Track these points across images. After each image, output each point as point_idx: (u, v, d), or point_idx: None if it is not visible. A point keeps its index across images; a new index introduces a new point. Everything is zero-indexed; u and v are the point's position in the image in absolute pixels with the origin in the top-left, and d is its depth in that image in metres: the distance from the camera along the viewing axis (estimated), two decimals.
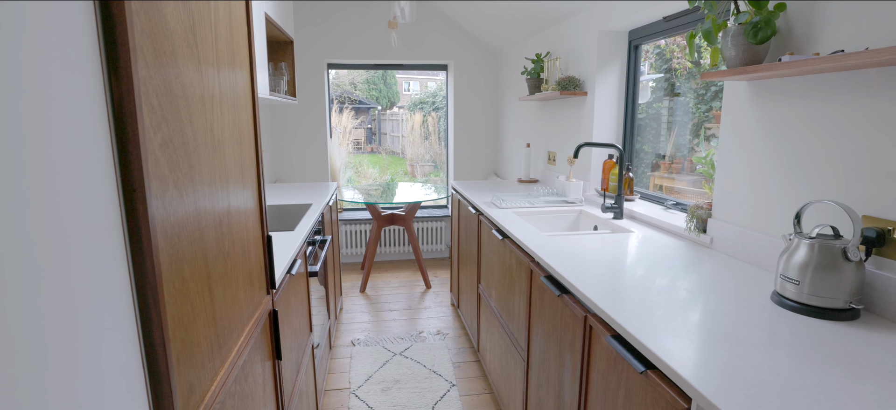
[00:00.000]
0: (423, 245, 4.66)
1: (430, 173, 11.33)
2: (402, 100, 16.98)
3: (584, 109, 2.69)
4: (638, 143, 2.65)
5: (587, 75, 2.64)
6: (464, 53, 4.41)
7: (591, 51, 2.58)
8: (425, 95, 14.22)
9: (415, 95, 16.04)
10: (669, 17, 2.16)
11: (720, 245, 1.63)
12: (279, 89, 2.86)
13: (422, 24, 4.28)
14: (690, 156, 2.47)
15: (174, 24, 0.72)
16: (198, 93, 0.81)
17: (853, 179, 1.19)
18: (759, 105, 1.48)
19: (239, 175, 1.03)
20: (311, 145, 4.29)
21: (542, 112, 3.36)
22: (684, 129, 2.46)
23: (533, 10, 3.04)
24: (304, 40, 4.13)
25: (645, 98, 2.68)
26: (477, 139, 4.60)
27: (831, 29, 1.22)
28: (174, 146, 0.70)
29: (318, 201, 2.61)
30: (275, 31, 2.75)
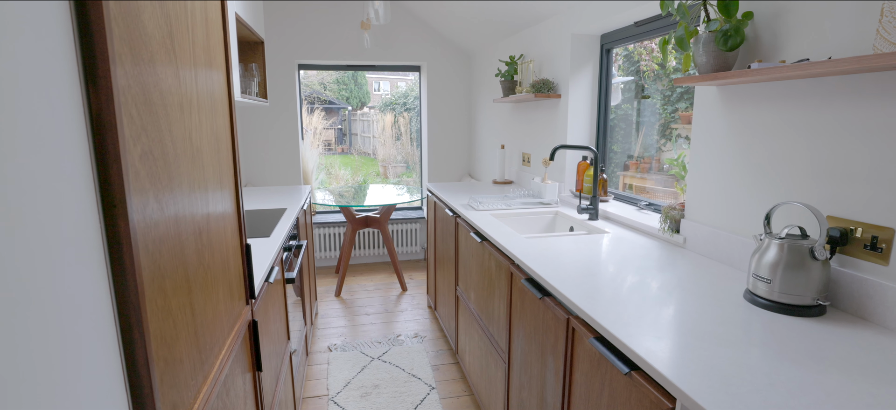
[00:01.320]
0: (399, 247, 4.64)
1: (402, 174, 11.28)
2: (373, 101, 16.85)
3: (558, 111, 2.73)
4: (609, 136, 2.71)
5: (561, 78, 2.68)
6: (437, 54, 4.40)
7: (565, 54, 2.62)
8: (396, 96, 14.17)
9: (385, 95, 15.94)
10: (640, 22, 2.21)
11: (693, 244, 1.69)
12: (250, 91, 2.79)
13: (394, 25, 4.25)
14: (658, 155, 2.54)
15: (152, 30, 0.69)
16: (176, 101, 0.77)
17: (819, 181, 1.25)
18: (730, 109, 1.53)
19: (217, 183, 1.00)
20: (282, 147, 4.20)
21: (516, 114, 3.40)
22: (652, 130, 2.53)
23: (506, 13, 3.06)
24: (274, 41, 4.04)
25: (616, 100, 2.74)
26: (451, 140, 4.60)
27: (796, 37, 1.28)
28: (154, 157, 0.67)
29: (293, 205, 2.56)
30: (245, 32, 2.68)
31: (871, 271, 1.12)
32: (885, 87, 1.08)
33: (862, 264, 1.14)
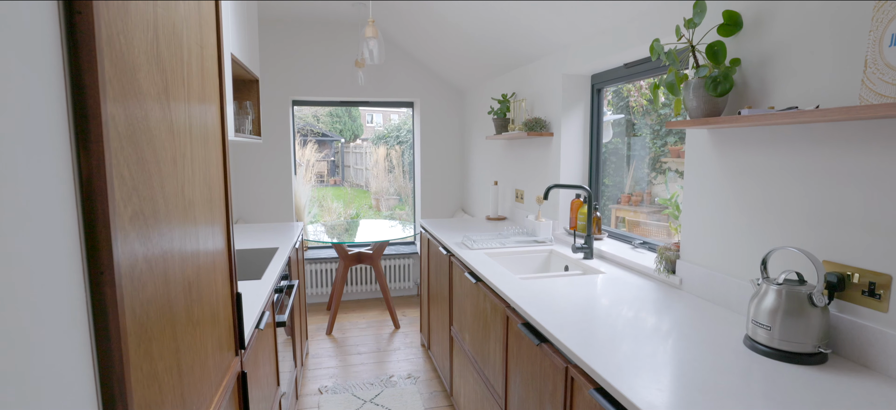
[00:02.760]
0: (391, 283, 4.58)
1: (395, 207, 11.26)
2: (366, 133, 16.96)
3: (551, 149, 2.75)
4: (601, 173, 2.73)
5: (553, 116, 2.71)
6: (430, 91, 4.46)
7: (556, 93, 2.66)
8: (389, 129, 14.28)
9: (378, 128, 16.07)
10: (630, 64, 2.26)
11: (690, 286, 1.68)
12: (244, 129, 2.79)
13: (388, 63, 4.31)
14: (649, 189, 2.57)
15: (147, 87, 0.68)
16: (170, 156, 0.76)
17: (814, 225, 1.25)
18: (722, 152, 1.55)
19: (209, 232, 0.98)
20: (275, 183, 4.19)
21: (509, 151, 3.42)
22: (642, 164, 2.56)
23: (498, 53, 3.12)
24: (269, 77, 4.07)
25: (607, 137, 2.78)
26: (444, 175, 4.62)
27: (784, 84, 1.31)
28: (145, 216, 0.66)
29: (285, 244, 2.53)
30: (240, 71, 2.70)
31: (871, 318, 1.11)
32: (873, 135, 1.10)
33: (861, 310, 1.14)
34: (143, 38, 0.67)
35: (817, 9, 1.21)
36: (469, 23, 2.95)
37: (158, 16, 0.73)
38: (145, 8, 0.68)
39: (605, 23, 2.12)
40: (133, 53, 0.63)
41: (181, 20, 0.84)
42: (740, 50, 1.45)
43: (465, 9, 2.79)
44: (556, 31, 2.44)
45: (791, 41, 1.28)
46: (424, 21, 3.38)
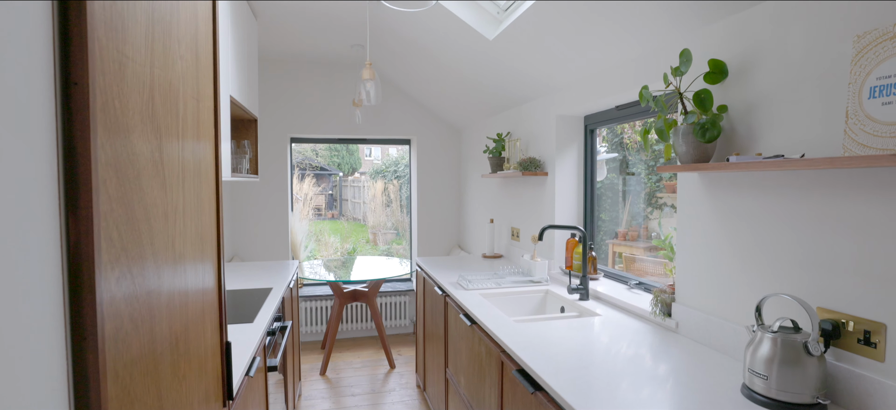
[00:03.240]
0: (387, 320, 4.53)
1: (392, 241, 11.23)
2: (364, 166, 17.07)
3: (546, 188, 2.77)
4: (596, 211, 2.74)
5: (547, 156, 2.75)
6: (427, 129, 4.52)
7: (550, 134, 2.70)
8: (387, 163, 14.38)
9: (376, 162, 16.19)
10: (622, 106, 2.30)
11: (686, 330, 1.66)
12: (241, 169, 2.81)
13: (385, 101, 4.38)
14: (645, 224, 2.57)
15: (141, 146, 0.69)
16: (161, 212, 0.77)
17: (806, 271, 1.25)
18: (713, 195, 1.56)
19: (199, 284, 0.97)
20: (271, 219, 4.18)
21: (504, 189, 3.45)
22: (638, 199, 2.58)
23: (492, 94, 3.18)
24: (267, 115, 4.12)
25: (601, 175, 2.80)
26: (441, 212, 4.63)
27: (770, 130, 1.33)
28: (133, 275, 0.65)
29: (279, 284, 2.51)
30: (239, 111, 2.74)
31: (868, 367, 1.10)
32: (860, 183, 1.11)
33: (858, 359, 1.13)
34: (138, 99, 0.68)
35: (798, 61, 1.25)
36: (464, 65, 3.02)
37: (155, 76, 0.75)
38: (143, 70, 0.70)
39: (595, 67, 2.18)
40: (127, 115, 0.65)
41: (178, 77, 0.86)
42: (727, 97, 1.48)
43: (459, 52, 2.86)
44: (548, 74, 2.49)
45: (775, 90, 1.32)
46: (420, 63, 3.46)
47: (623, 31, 1.82)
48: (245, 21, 2.70)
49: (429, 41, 2.97)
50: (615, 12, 1.74)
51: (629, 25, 1.76)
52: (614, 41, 1.90)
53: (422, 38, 2.98)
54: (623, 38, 1.85)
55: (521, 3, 2.17)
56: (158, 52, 0.76)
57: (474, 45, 2.63)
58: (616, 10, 1.72)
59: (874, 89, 1.05)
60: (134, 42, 0.67)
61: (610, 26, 1.83)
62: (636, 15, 1.69)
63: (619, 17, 1.75)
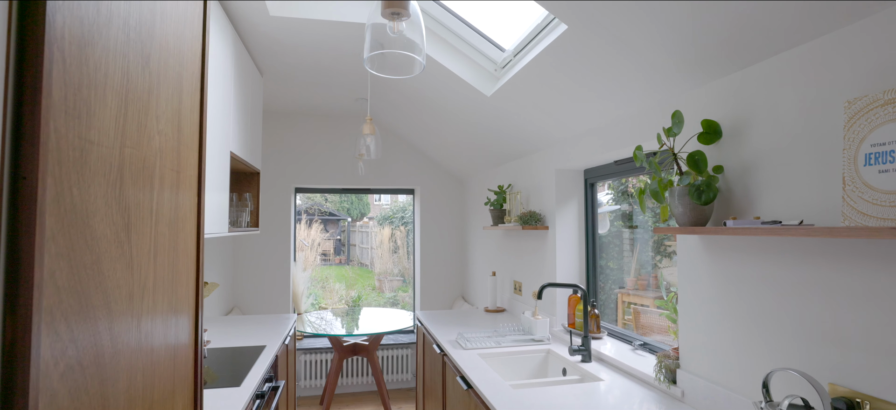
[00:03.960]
0: (388, 374, 4.40)
1: (398, 288, 11.12)
2: (373, 211, 17.17)
3: (547, 243, 2.73)
4: (602, 260, 2.68)
5: (547, 210, 2.72)
6: (430, 179, 4.54)
7: (550, 187, 2.68)
8: (394, 209, 14.44)
9: (386, 207, 16.28)
10: (620, 161, 2.29)
11: (692, 399, 1.57)
12: (241, 222, 2.81)
13: (389, 151, 4.43)
14: (655, 272, 2.50)
15: (103, 230, 0.67)
16: (125, 292, 0.74)
17: (815, 344, 1.18)
18: (713, 259, 1.51)
19: (169, 368, 0.94)
20: (273, 270, 4.16)
21: (506, 241, 3.41)
22: (646, 246, 2.51)
23: (493, 145, 3.20)
24: (272, 166, 4.18)
25: (604, 228, 2.76)
26: (444, 263, 4.58)
27: (767, 193, 1.30)
28: (83, 367, 0.62)
29: (274, 341, 2.45)
30: (240, 165, 2.77)
31: None
32: (864, 252, 1.07)
33: None
34: (103, 182, 0.68)
35: (792, 123, 1.23)
36: (464, 118, 3.05)
37: (125, 156, 0.74)
38: (110, 153, 0.69)
39: (591, 122, 2.18)
40: (88, 201, 0.64)
41: (154, 153, 0.85)
42: (722, 157, 1.46)
43: (459, 105, 2.90)
44: (546, 129, 2.50)
45: (770, 152, 1.29)
46: (422, 114, 3.51)
47: (618, 90, 1.82)
48: (250, 77, 2.77)
49: (429, 94, 3.02)
50: (608, 72, 1.75)
51: (624, 83, 1.77)
52: (610, 98, 1.91)
53: (422, 91, 3.03)
54: (618, 96, 1.86)
55: (516, 62, 2.20)
56: (131, 131, 0.76)
57: (473, 99, 2.67)
58: (609, 70, 1.73)
59: (869, 156, 1.02)
60: (101, 126, 0.67)
61: (605, 84, 1.83)
62: (629, 75, 1.70)
63: (614, 76, 1.76)
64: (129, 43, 0.75)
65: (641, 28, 1.44)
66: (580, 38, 1.66)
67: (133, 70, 0.77)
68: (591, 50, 1.68)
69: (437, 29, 2.48)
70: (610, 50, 1.63)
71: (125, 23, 0.74)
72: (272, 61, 2.92)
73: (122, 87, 0.73)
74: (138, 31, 0.79)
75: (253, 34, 2.51)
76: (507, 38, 2.35)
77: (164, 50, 0.90)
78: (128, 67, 0.75)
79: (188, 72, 1.04)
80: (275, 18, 2.30)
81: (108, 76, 0.69)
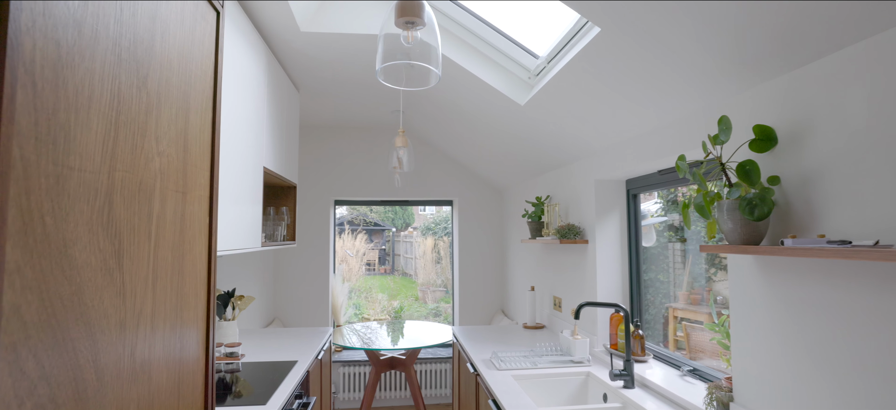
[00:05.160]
0: (427, 389, 4.33)
1: (440, 299, 11.07)
2: (417, 221, 17.31)
3: (587, 257, 2.58)
4: (649, 273, 2.51)
5: (587, 223, 2.58)
6: (468, 190, 4.47)
7: (589, 199, 2.54)
8: (437, 220, 14.46)
9: (430, 217, 16.36)
10: (664, 171, 2.13)
11: None
12: (277, 236, 2.85)
13: (426, 163, 4.40)
14: (709, 285, 2.31)
15: (85, 258, 0.65)
16: (115, 322, 0.72)
17: (893, 387, 1.01)
18: (769, 282, 1.35)
19: (172, 404, 0.91)
20: (313, 283, 4.21)
21: (545, 255, 3.27)
22: (699, 258, 2.32)
23: (530, 155, 3.09)
24: (311, 179, 4.25)
25: (650, 241, 2.59)
26: (483, 276, 4.48)
27: (834, 207, 1.13)
28: (58, 404, 0.60)
29: (307, 355, 2.45)
30: (275, 179, 2.81)
31: None
32: None
33: None
34: (86, 209, 0.65)
35: (862, 128, 1.06)
36: (499, 127, 2.96)
37: (116, 180, 0.72)
38: (95, 178, 0.67)
39: (631, 131, 2.04)
40: (66, 229, 0.61)
41: (153, 175, 0.83)
42: (778, 167, 1.30)
43: (493, 115, 2.81)
44: (583, 138, 2.37)
45: (836, 161, 1.13)
46: (457, 125, 3.45)
47: (658, 95, 1.68)
48: (285, 93, 2.82)
49: (462, 105, 2.96)
50: (646, 76, 1.62)
51: (664, 88, 1.63)
52: (649, 105, 1.77)
53: (456, 102, 2.97)
54: (658, 102, 1.72)
55: (550, 69, 2.10)
56: (123, 154, 0.74)
57: (507, 108, 2.58)
58: (647, 74, 1.60)
59: None
60: (83, 151, 0.65)
61: (643, 90, 1.70)
62: (669, 79, 1.56)
63: (653, 80, 1.63)
64: (120, 63, 0.74)
65: (680, 28, 1.31)
66: (614, 41, 1.55)
67: (126, 91, 0.75)
68: (626, 53, 1.56)
69: (468, 38, 2.42)
70: (647, 53, 1.50)
71: (115, 43, 0.72)
72: (307, 77, 2.96)
73: (110, 110, 0.71)
74: (132, 51, 0.77)
75: (286, 50, 2.55)
76: (542, 45, 2.25)
77: (165, 69, 0.88)
78: (119, 89, 0.73)
79: (197, 91, 1.02)
80: (306, 34, 2.32)
81: (94, 99, 0.67)
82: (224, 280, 2.84)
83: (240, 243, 2.07)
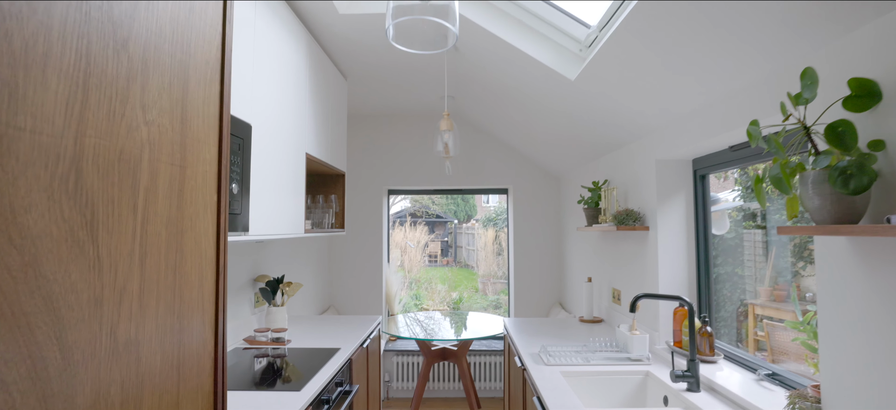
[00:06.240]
0: (480, 382, 4.23)
1: (501, 291, 10.90)
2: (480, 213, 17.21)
3: (647, 245, 2.34)
4: (721, 267, 2.23)
5: (648, 208, 2.34)
6: (523, 177, 4.29)
7: (650, 181, 2.30)
8: (498, 211, 14.26)
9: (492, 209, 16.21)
10: (737, 146, 1.86)
11: None
12: (324, 224, 2.86)
13: (479, 149, 4.27)
14: (796, 280, 2.01)
15: (46, 228, 0.60)
16: (88, 297, 0.68)
17: None
18: (869, 269, 1.10)
19: (172, 383, 0.87)
20: (366, 271, 4.24)
21: (603, 244, 3.04)
22: (784, 248, 2.01)
23: (586, 137, 2.87)
24: (364, 169, 4.26)
25: (722, 229, 2.30)
26: (539, 268, 4.29)
27: None
28: (7, 384, 0.55)
29: (350, 343, 2.43)
30: (321, 167, 2.81)
31: None
32: None
33: None
34: (44, 174, 0.61)
35: None
36: (550, 107, 2.77)
37: (86, 146, 0.67)
38: (56, 142, 0.62)
39: (695, 101, 1.79)
40: (15, 196, 0.56)
41: (139, 145, 0.79)
42: (881, 129, 1.05)
43: (543, 94, 2.63)
44: (641, 113, 2.14)
45: None
46: (507, 108, 3.29)
47: (725, 56, 1.45)
48: (331, 80, 2.81)
49: (510, 85, 2.80)
50: (707, 35, 1.39)
51: (734, 47, 1.39)
52: (713, 69, 1.53)
53: (503, 82, 2.82)
54: (725, 64, 1.48)
55: (602, 37, 1.90)
56: (97, 120, 0.69)
57: (557, 84, 2.39)
58: (707, 32, 1.38)
59: None
60: (38, 112, 0.60)
61: (707, 50, 1.47)
62: (740, 34, 1.33)
63: (715, 39, 1.40)
64: (89, 22, 0.69)
65: None
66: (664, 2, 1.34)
67: (97, 52, 0.70)
68: (679, 14, 1.35)
69: (511, 10, 2.26)
70: (708, 5, 1.28)
71: None
72: (352, 63, 2.93)
73: (76, 70, 0.66)
74: (107, 12, 0.72)
75: (327, 35, 2.53)
76: (593, 13, 2.04)
77: (154, 35, 0.83)
78: (88, 49, 0.69)
79: (198, 62, 0.98)
80: (345, 16, 2.28)
81: (51, 56, 0.62)
82: (274, 266, 2.90)
83: (281, 228, 2.07)
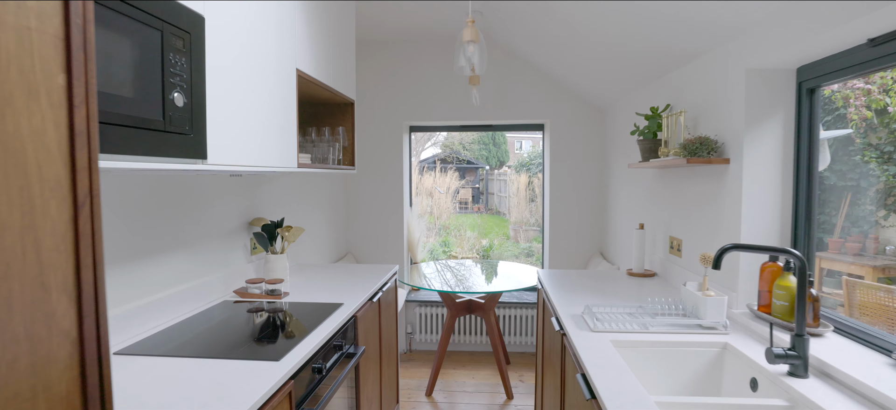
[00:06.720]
0: (510, 336, 3.89)
1: (533, 239, 10.47)
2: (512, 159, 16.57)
3: (726, 184, 1.84)
4: (826, 214, 1.73)
5: (729, 135, 1.81)
6: (562, 111, 3.74)
7: (736, 100, 1.76)
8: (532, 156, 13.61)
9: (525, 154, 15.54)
10: (878, 39, 1.30)
11: None
12: (329, 159, 2.46)
13: (513, 79, 3.73)
14: (876, 232, 1.66)
15: None
16: None
17: None
18: None
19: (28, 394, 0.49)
20: (386, 216, 3.88)
21: (661, 183, 2.53)
22: (862, 196, 1.62)
23: (644, 53, 2.31)
24: (381, 103, 3.81)
25: (824, 164, 1.78)
26: (578, 213, 3.81)
27: None
28: None
29: (357, 297, 2.07)
30: (322, 92, 2.38)
31: None
32: None
33: None
34: None
35: None
36: (604, 17, 2.22)
37: None
38: None
39: None
40: None
41: None
42: None
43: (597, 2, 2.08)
44: (730, 7, 1.58)
45: None
46: (547, 24, 2.73)
47: None
48: None
49: None
50: None
51: None
52: None
53: None
54: None
55: None
56: None
57: None
58: None
59: None
60: None
61: None
62: None
63: None
64: None
65: None
66: None
67: None
68: None
69: None
70: None
71: None
72: None
73: None
74: None
75: None
76: None
77: None
78: None
79: None
80: None
81: None
82: (274, 208, 2.55)
83: (262, 159, 1.68)
